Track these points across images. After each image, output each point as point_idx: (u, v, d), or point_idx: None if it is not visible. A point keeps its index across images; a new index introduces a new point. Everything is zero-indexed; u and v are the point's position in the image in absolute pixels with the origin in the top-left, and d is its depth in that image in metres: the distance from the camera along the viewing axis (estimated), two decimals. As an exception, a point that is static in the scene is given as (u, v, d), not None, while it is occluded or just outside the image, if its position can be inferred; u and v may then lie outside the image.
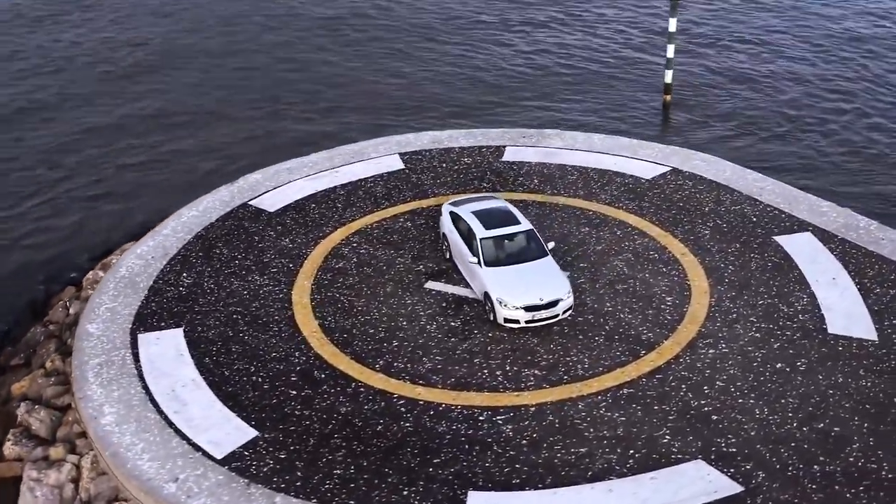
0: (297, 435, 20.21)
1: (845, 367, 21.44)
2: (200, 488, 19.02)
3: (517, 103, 40.79)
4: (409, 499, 18.48)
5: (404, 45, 47.49)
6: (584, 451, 19.50)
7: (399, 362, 22.27)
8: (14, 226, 32.42)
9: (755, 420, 20.00)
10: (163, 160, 36.52)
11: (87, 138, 38.57)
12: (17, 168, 36.33)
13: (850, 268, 24.96)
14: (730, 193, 28.71)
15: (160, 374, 22.20)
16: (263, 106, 41.00)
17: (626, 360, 21.98)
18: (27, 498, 20.46)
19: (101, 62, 46.06)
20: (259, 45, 47.60)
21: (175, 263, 26.40)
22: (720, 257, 25.58)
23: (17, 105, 41.37)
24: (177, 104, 41.47)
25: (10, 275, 29.60)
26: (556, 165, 30.84)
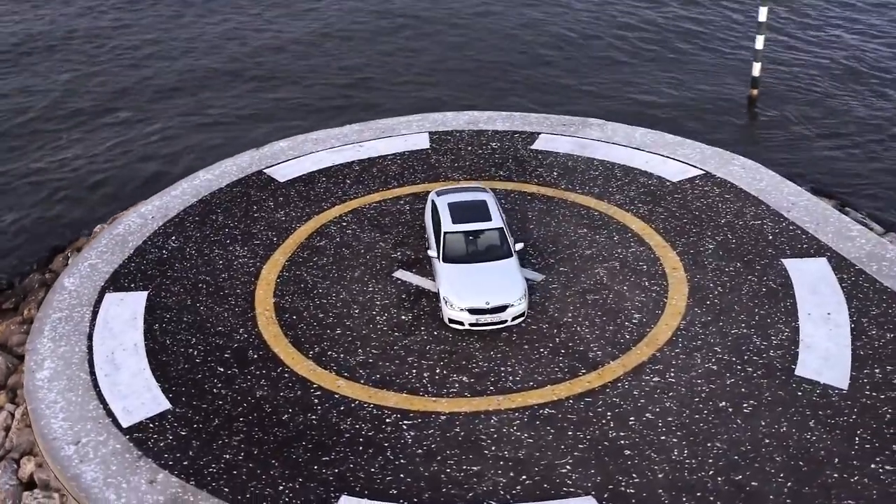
0: (204, 413, 20.24)
1: (795, 415, 19.43)
2: (96, 454, 19.37)
3: (593, 87, 38.90)
4: (282, 494, 18.19)
5: (473, 21, 46.19)
6: (475, 469, 18.59)
7: (333, 351, 21.88)
8: (57, 170, 33.79)
9: (669, 462, 18.45)
10: (209, 122, 37.05)
11: (143, 91, 39.60)
12: (65, 113, 37.61)
13: (853, 303, 22.54)
14: (755, 206, 26.45)
15: (108, 336, 22.71)
16: (327, 75, 40.85)
17: (562, 377, 20.75)
18: (-42, 438, 21.42)
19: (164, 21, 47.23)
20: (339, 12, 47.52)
21: (169, 226, 26.89)
22: (713, 276, 23.65)
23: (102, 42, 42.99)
24: (239, 62, 41.93)
25: (40, 220, 30.92)
26: (583, 158, 29.33)
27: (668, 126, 32.90)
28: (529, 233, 25.64)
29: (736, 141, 33.11)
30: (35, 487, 19.75)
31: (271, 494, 18.20)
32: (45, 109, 37.99)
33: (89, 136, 35.85)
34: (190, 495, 18.24)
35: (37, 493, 19.42)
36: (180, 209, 27.70)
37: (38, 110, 37.85)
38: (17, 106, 38.22)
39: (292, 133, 32.23)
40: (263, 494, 18.21)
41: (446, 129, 31.46)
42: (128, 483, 18.58)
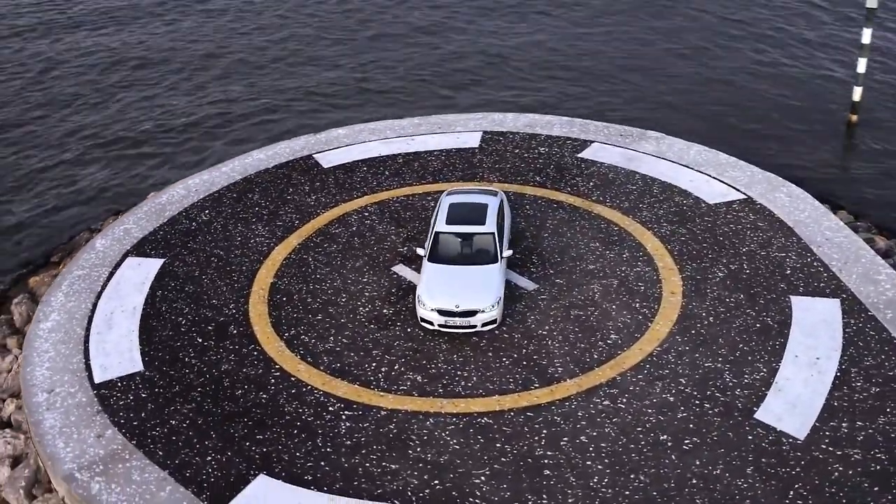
0: (169, 379, 21.36)
1: (736, 459, 18.55)
2: (63, 404, 20.85)
3: (680, 99, 37.77)
4: (207, 465, 19.02)
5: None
6: (393, 468, 18.82)
7: (307, 336, 22.55)
8: (132, 137, 35.99)
9: (585, 488, 18.07)
10: (293, 103, 38.43)
11: (240, 69, 41.43)
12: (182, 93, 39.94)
13: (849, 350, 21.19)
14: (785, 237, 25.17)
15: (114, 297, 24.25)
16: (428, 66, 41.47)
17: (513, 389, 20.61)
18: (-31, 374, 23.50)
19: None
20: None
21: (207, 200, 28.29)
22: (709, 305, 22.77)
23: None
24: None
25: (110, 183, 33.12)
26: (626, 171, 28.71)
27: (746, 146, 31.67)
28: (541, 241, 25.38)
29: (820, 166, 31.46)
30: (9, 427, 21.37)
31: (197, 464, 19.02)
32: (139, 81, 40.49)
33: (168, 102, 37.90)
34: (126, 453, 19.34)
35: (7, 432, 21.04)
36: (223, 185, 29.01)
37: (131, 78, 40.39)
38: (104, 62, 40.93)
39: (372, 119, 32.97)
40: (190, 462, 19.05)
41: (501, 130, 31.45)
42: (79, 435, 19.86)
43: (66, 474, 18.88)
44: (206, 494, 18.24)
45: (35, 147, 35.69)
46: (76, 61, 42.99)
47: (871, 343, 21.27)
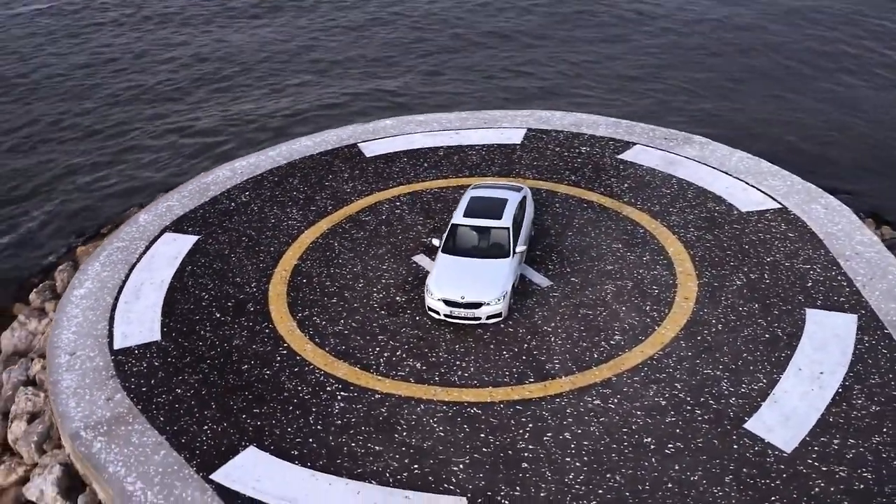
0: (182, 350, 22.32)
1: (716, 467, 18.45)
2: (81, 367, 22.02)
3: (744, 106, 37.20)
4: (202, 433, 19.86)
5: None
6: (377, 449, 19.33)
7: (318, 318, 23.22)
8: (201, 124, 37.30)
9: (559, 483, 18.26)
10: (361, 95, 39.28)
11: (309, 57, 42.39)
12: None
13: (857, 367, 20.77)
14: (814, 249, 24.72)
15: (146, 269, 25.40)
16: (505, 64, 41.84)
17: (507, 382, 20.87)
18: (7, 334, 24.94)
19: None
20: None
21: (250, 182, 29.28)
22: (720, 312, 22.59)
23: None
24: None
25: (174, 163, 34.49)
26: (663, 174, 28.56)
27: (800, 155, 31.16)
28: (563, 239, 25.49)
29: (876, 178, 30.73)
30: (33, 385, 22.65)
31: (194, 431, 19.86)
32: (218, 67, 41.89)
33: (234, 95, 39.15)
34: (130, 417, 20.31)
35: (29, 389, 22.29)
36: (267, 169, 29.95)
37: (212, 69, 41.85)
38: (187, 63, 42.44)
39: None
40: (187, 430, 19.90)
41: (546, 128, 31.58)
42: (90, 396, 20.95)
43: (72, 432, 19.93)
44: (197, 461, 19.02)
45: (110, 128, 37.41)
46: (159, 54, 44.75)
47: (881, 361, 20.76)
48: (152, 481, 18.59)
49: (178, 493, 18.28)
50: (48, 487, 19.57)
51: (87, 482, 19.55)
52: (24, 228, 30.65)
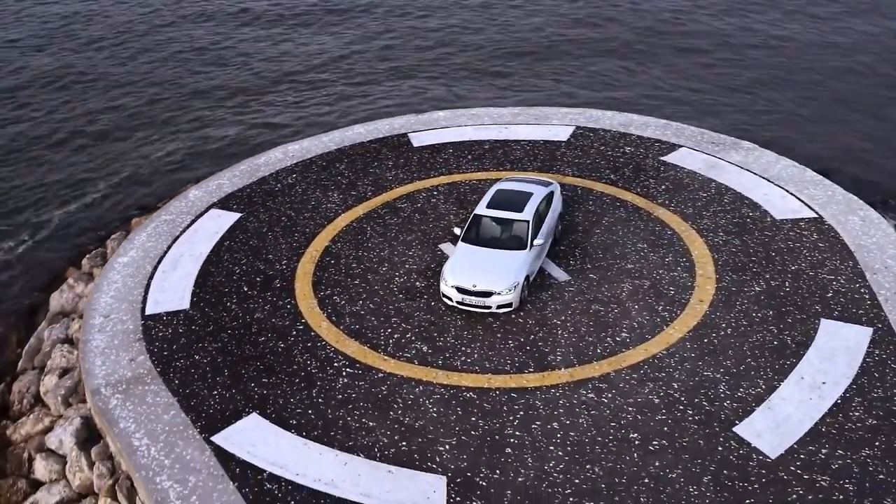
0: (206, 320, 23.52)
1: (696, 466, 18.62)
2: (112, 328, 23.46)
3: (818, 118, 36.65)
4: (211, 398, 20.99)
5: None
6: (371, 425, 20.10)
7: (339, 297, 24.14)
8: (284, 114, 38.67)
9: (538, 470, 18.70)
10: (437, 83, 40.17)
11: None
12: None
13: (861, 380, 20.58)
14: (842, 260, 24.45)
15: (187, 243, 26.74)
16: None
17: (507, 370, 21.38)
18: (55, 295, 26.63)
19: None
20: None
21: (299, 165, 30.43)
22: (732, 317, 22.61)
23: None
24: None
25: (237, 144, 35.96)
26: (703, 178, 28.56)
27: (854, 165, 30.72)
28: (590, 236, 25.79)
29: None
30: (69, 343, 24.17)
31: (204, 396, 20.98)
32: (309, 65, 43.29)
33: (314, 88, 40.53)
34: (149, 378, 21.57)
35: (65, 347, 23.82)
36: (317, 153, 31.04)
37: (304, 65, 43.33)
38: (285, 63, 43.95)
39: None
40: (199, 394, 21.04)
41: (594, 127, 31.79)
42: (116, 356, 22.31)
43: (93, 388, 21.28)
44: (201, 423, 20.10)
45: (187, 115, 39.25)
46: (245, 51, 46.56)
47: (887, 376, 20.49)
48: (157, 439, 19.71)
49: (179, 452, 19.35)
50: (67, 438, 20.92)
51: (103, 435, 20.82)
52: (90, 199, 32.44)
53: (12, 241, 30.31)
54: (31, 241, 30.23)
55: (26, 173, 34.23)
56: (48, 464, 20.84)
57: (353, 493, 18.24)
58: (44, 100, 40.70)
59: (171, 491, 18.44)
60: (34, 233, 30.67)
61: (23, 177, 34.02)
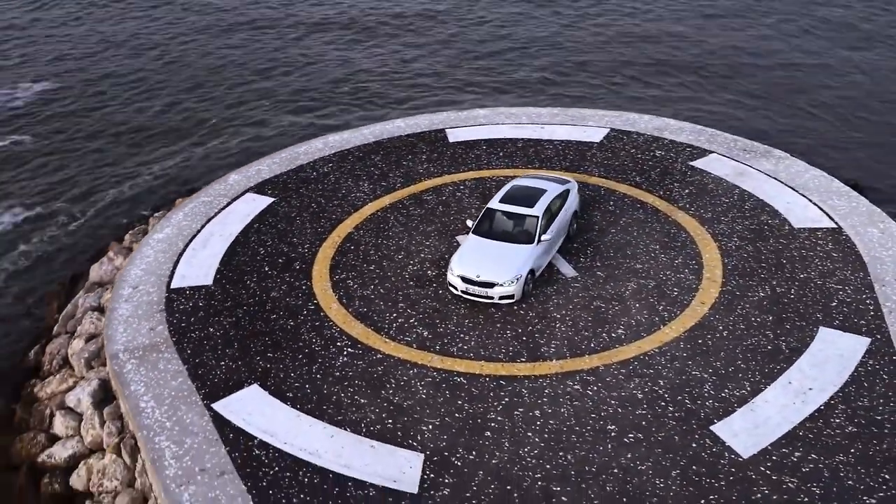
0: (226, 296, 24.81)
1: (666, 460, 19.05)
2: (138, 299, 24.95)
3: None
4: (218, 368, 22.21)
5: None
6: (362, 402, 21.05)
7: (352, 281, 25.19)
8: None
9: (513, 454, 19.37)
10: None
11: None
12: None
13: (849, 389, 20.69)
14: (852, 271, 24.46)
15: (219, 224, 28.14)
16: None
17: (500, 359, 22.08)
18: (95, 266, 28.29)
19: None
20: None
21: (336, 157, 31.63)
22: (731, 320, 22.90)
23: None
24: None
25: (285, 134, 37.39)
26: (728, 184, 28.77)
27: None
28: (605, 235, 26.29)
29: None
30: (99, 311, 25.75)
31: (212, 365, 22.23)
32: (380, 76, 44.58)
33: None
34: (164, 347, 22.93)
35: (95, 314, 25.39)
36: (355, 145, 32.17)
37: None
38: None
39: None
40: (207, 363, 22.30)
41: (629, 129, 32.20)
42: (137, 324, 23.75)
43: (112, 352, 22.72)
44: (205, 391, 21.33)
45: (247, 109, 41.03)
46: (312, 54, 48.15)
47: (876, 386, 20.55)
48: (163, 402, 21.01)
49: (181, 416, 20.60)
50: (84, 397, 22.39)
51: (116, 397, 22.22)
52: (141, 180, 34.21)
53: (67, 216, 32.21)
54: (83, 218, 32.09)
55: (93, 158, 36.32)
56: (66, 420, 22.28)
57: (334, 464, 19.15)
58: (117, 94, 42.91)
59: (168, 451, 19.65)
60: (87, 209, 32.56)
61: (88, 160, 36.09)
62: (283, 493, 18.45)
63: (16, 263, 29.73)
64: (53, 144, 38.14)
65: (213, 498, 18.41)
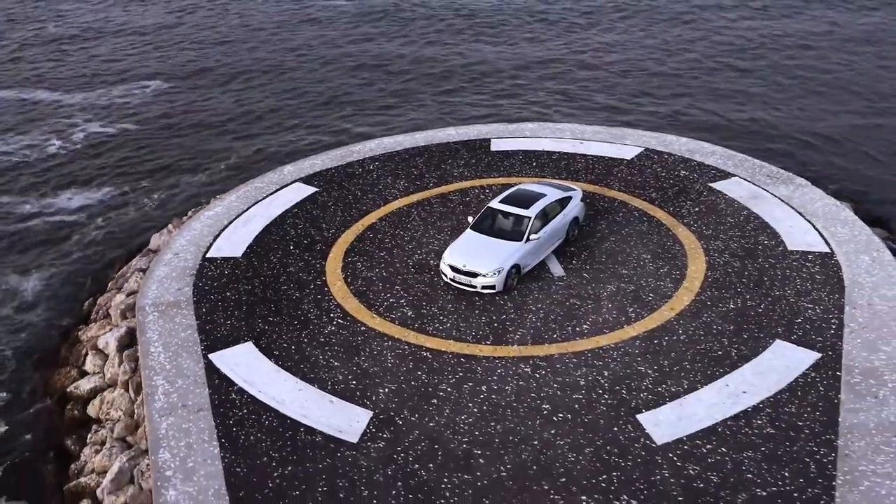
0: (249, 267, 27.89)
1: (584, 439, 20.57)
2: (175, 264, 28.38)
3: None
4: (223, 325, 25.21)
5: None
6: (335, 364, 23.50)
7: (361, 263, 27.87)
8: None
9: (451, 420, 21.49)
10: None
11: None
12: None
13: (782, 396, 21.80)
14: (829, 293, 25.34)
15: (265, 205, 31.40)
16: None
17: (468, 340, 24.20)
18: (155, 235, 32.06)
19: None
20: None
21: (384, 156, 34.54)
22: (692, 327, 24.30)
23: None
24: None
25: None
26: (738, 206, 30.01)
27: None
28: (603, 242, 28.04)
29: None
30: (144, 272, 29.36)
31: (219, 323, 25.32)
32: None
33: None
34: (183, 304, 26.21)
35: (141, 275, 29.01)
36: (406, 147, 34.97)
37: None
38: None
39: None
40: (215, 321, 25.42)
41: (661, 150, 33.76)
42: (167, 284, 27.17)
43: (141, 305, 26.16)
44: (206, 343, 24.39)
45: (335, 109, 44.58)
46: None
47: (809, 396, 21.61)
48: (169, 349, 24.20)
49: (180, 361, 23.72)
50: (112, 341, 25.86)
51: (136, 343, 25.62)
52: (215, 169, 38.06)
53: (147, 196, 36.32)
54: (161, 197, 36.12)
55: (184, 146, 40.67)
56: (94, 359, 25.80)
57: (295, 413, 21.77)
58: (215, 91, 47.36)
59: (161, 388, 22.77)
60: (166, 190, 36.60)
61: (180, 148, 40.44)
62: (244, 431, 21.16)
63: (98, 230, 33.90)
64: (152, 134, 42.61)
65: (185, 428, 21.32)
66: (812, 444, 20.03)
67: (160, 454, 20.50)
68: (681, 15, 57.49)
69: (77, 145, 41.80)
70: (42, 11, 65.40)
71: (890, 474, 19.13)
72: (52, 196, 36.90)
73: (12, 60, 54.74)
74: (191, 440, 20.89)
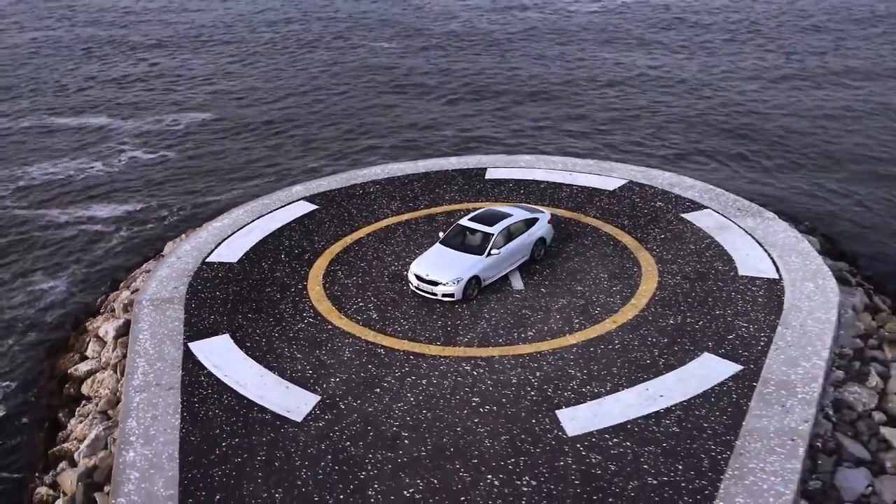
0: (240, 272, 30.62)
1: (502, 427, 22.52)
2: (177, 266, 31.39)
3: None
4: (206, 320, 27.96)
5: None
6: (297, 356, 26.02)
7: (340, 272, 30.35)
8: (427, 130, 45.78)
9: (386, 407, 23.75)
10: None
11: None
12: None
13: (696, 400, 23.62)
14: (766, 314, 26.99)
15: (267, 219, 34.18)
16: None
17: (421, 340, 26.41)
18: (170, 243, 35.25)
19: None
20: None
21: (386, 180, 37.24)
22: (629, 338, 26.15)
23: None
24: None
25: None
26: (702, 234, 31.63)
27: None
28: (567, 261, 30.06)
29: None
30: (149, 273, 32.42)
31: (203, 318, 28.09)
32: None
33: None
34: (176, 300, 29.09)
35: (147, 275, 32.12)
36: (407, 173, 37.65)
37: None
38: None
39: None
40: (201, 315, 28.22)
41: (644, 182, 35.77)
42: (166, 283, 30.13)
43: (138, 300, 29.15)
44: (189, 334, 27.16)
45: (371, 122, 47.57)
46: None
47: (720, 402, 23.16)
48: (155, 337, 27.02)
49: (163, 348, 26.50)
50: (110, 330, 28.86)
51: (130, 332, 28.55)
52: (237, 189, 41.25)
53: (169, 211, 39.64)
54: (181, 215, 39.48)
55: (216, 171, 44.16)
56: (94, 346, 28.79)
57: (252, 395, 24.28)
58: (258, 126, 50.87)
59: (140, 369, 25.53)
60: (189, 210, 39.96)
61: (211, 175, 43.95)
62: (205, 408, 23.74)
63: (122, 240, 37.26)
64: (186, 160, 46.16)
65: (154, 403, 24.02)
66: (711, 443, 21.66)
67: (128, 423, 23.16)
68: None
69: (115, 168, 45.54)
70: (117, 48, 70.46)
71: (776, 472, 20.67)
72: (85, 208, 40.41)
73: (81, 90, 59.32)
74: (157, 412, 23.52)
